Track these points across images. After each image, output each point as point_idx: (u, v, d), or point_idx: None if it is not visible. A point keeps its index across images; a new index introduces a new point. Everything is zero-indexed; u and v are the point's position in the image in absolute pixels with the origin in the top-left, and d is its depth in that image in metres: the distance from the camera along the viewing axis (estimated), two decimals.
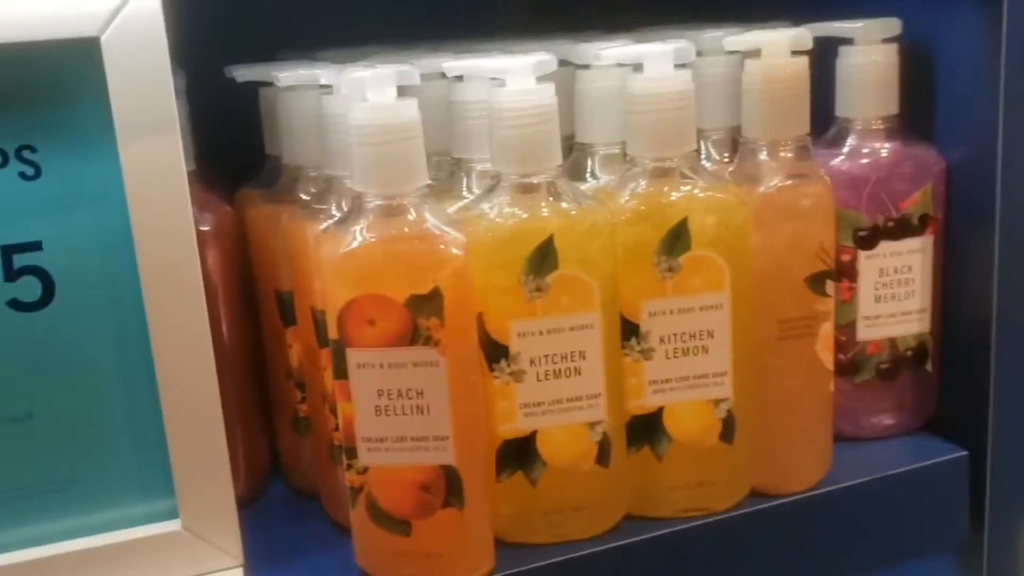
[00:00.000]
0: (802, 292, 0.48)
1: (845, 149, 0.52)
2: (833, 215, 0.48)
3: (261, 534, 0.51)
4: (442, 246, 0.40)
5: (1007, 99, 0.48)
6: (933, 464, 0.52)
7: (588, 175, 0.51)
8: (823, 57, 0.52)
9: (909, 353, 0.54)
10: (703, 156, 0.53)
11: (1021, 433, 0.52)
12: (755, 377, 0.48)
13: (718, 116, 0.52)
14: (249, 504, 0.54)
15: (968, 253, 0.52)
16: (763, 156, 0.48)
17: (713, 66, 0.51)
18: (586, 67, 0.50)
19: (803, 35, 0.48)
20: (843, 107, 0.53)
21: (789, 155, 0.48)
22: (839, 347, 0.54)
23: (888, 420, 0.55)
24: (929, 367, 0.55)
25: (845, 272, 0.53)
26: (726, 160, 0.52)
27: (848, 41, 0.52)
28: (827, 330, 0.49)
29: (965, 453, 0.53)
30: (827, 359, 0.49)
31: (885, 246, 0.52)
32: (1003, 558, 0.54)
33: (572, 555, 0.46)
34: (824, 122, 0.53)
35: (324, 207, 0.47)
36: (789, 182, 0.47)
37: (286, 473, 0.56)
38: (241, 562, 0.46)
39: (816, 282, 0.48)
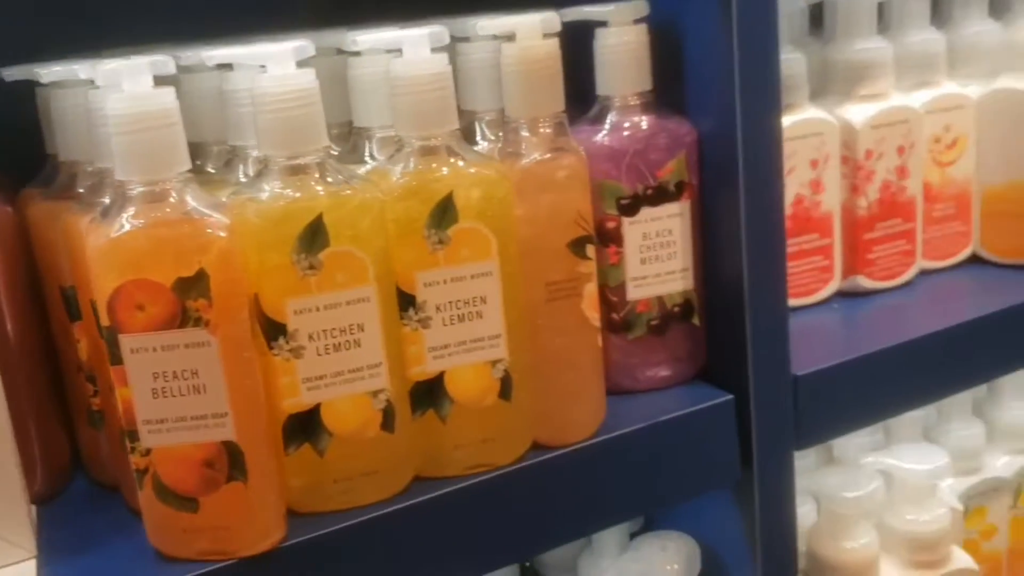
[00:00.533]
0: (565, 256, 0.51)
1: (606, 125, 0.56)
2: (588, 185, 0.52)
3: (61, 527, 0.51)
4: (207, 229, 0.42)
5: (741, 74, 0.53)
6: (701, 409, 0.57)
7: (367, 157, 0.53)
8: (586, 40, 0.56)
9: (676, 309, 0.59)
10: (478, 136, 0.56)
11: (776, 375, 0.58)
12: (528, 337, 0.51)
13: (489, 98, 0.55)
14: (51, 499, 0.54)
15: (720, 215, 0.57)
16: (524, 133, 0.51)
17: (482, 51, 0.55)
18: (357, 54, 0.52)
19: (552, 18, 0.51)
20: (602, 86, 0.57)
21: (548, 131, 0.52)
22: (612, 307, 0.58)
23: (664, 372, 0.60)
24: (696, 321, 0.60)
25: (612, 238, 0.57)
26: (499, 139, 0.55)
27: (603, 24, 0.56)
28: (591, 290, 0.53)
29: (731, 397, 0.58)
30: (593, 317, 0.53)
31: (646, 212, 0.57)
32: (771, 490, 0.59)
33: (362, 518, 0.48)
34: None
35: (99, 200, 0.47)
36: (547, 156, 0.51)
37: (87, 467, 0.56)
38: (34, 554, 0.47)
39: (577, 247, 0.52)
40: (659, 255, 0.58)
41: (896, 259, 0.72)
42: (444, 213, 0.48)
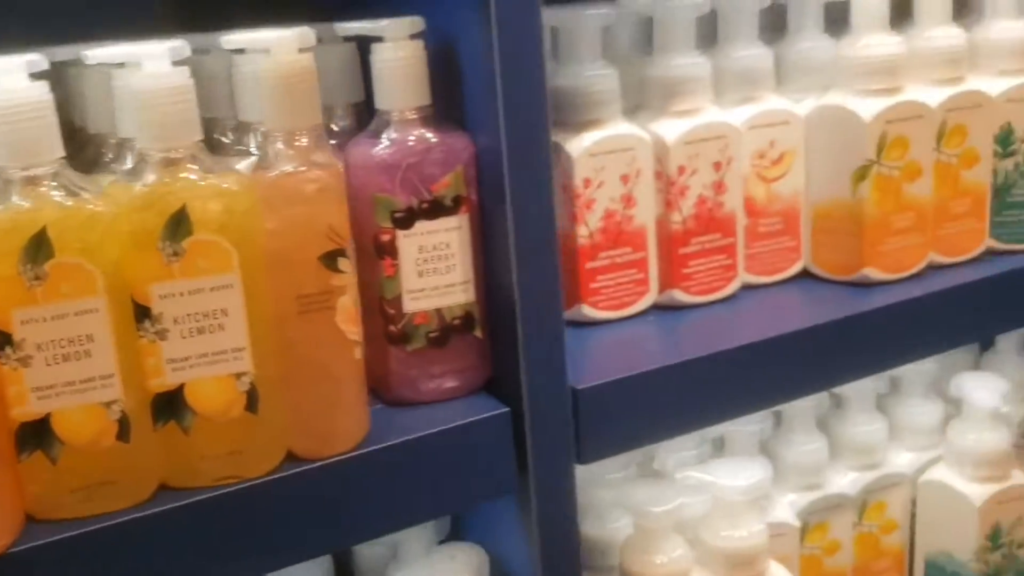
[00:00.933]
0: (317, 270, 0.52)
1: (382, 139, 0.57)
2: (343, 198, 0.53)
3: None
4: None
5: (504, 89, 0.53)
6: (474, 421, 0.57)
7: (110, 166, 0.54)
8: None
9: (457, 322, 0.59)
10: (254, 146, 0.57)
11: (552, 389, 0.58)
12: (279, 350, 0.52)
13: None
14: None
15: (495, 229, 0.57)
16: (279, 145, 0.52)
17: (250, 63, 0.55)
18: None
19: (307, 33, 0.52)
20: (380, 100, 0.57)
21: (304, 144, 0.52)
22: (389, 319, 0.58)
23: (449, 383, 0.60)
24: (479, 333, 0.60)
25: (387, 250, 0.57)
26: None
27: (379, 39, 0.56)
28: (345, 303, 0.53)
29: (507, 410, 0.58)
30: (349, 330, 0.53)
31: (422, 225, 0.57)
32: (550, 503, 0.60)
33: (100, 525, 0.49)
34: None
35: None
36: (296, 168, 0.51)
37: None
38: None
39: (329, 260, 0.52)
40: (437, 268, 0.58)
41: (715, 274, 0.72)
42: (178, 225, 0.48)
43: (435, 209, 0.57)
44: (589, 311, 0.69)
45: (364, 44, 0.58)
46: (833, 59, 0.73)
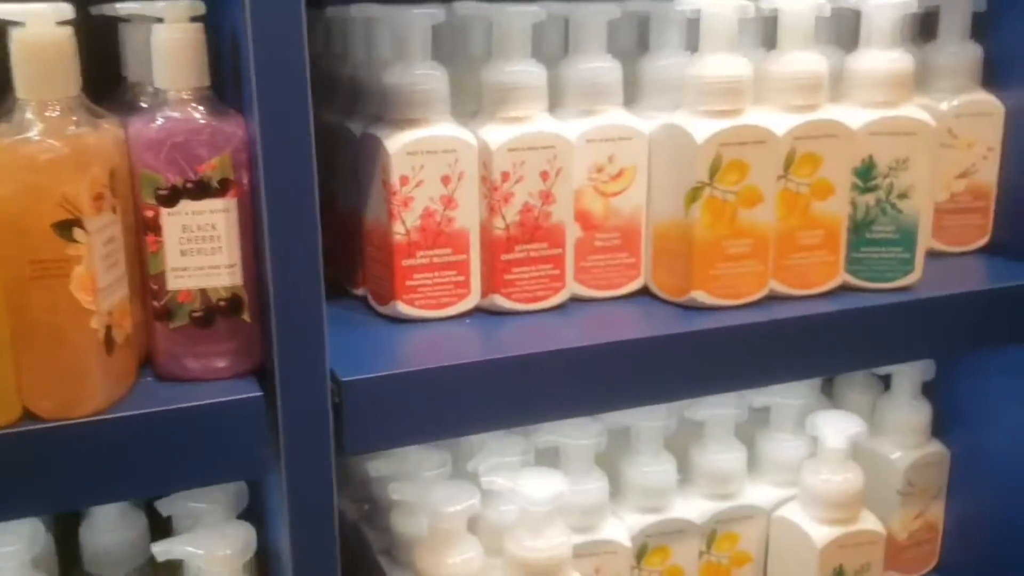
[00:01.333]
0: (50, 238, 0.53)
1: (156, 116, 0.58)
2: (82, 169, 0.54)
3: None
4: None
5: (257, 75, 0.54)
6: (224, 402, 0.58)
7: None
8: None
9: (222, 303, 0.60)
10: None
11: (309, 378, 0.59)
12: (12, 311, 0.53)
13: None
14: None
15: (259, 215, 0.58)
16: (28, 114, 0.54)
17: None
18: None
19: (64, 8, 0.53)
20: (157, 79, 0.58)
21: (54, 114, 0.54)
22: (153, 295, 0.60)
23: (218, 363, 0.61)
24: (247, 317, 0.61)
25: (151, 227, 0.59)
26: None
27: (160, 20, 0.58)
28: (80, 272, 0.54)
29: (259, 395, 0.59)
30: (84, 299, 0.55)
31: (186, 205, 0.58)
32: (304, 491, 0.60)
33: None
34: None
35: None
36: (31, 137, 0.53)
37: None
38: None
39: (63, 229, 0.53)
40: (202, 248, 0.59)
41: (540, 283, 0.72)
42: None
43: (200, 190, 0.58)
44: (404, 308, 0.70)
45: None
46: (681, 78, 0.72)
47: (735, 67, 0.70)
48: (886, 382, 0.93)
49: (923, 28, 0.86)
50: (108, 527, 0.72)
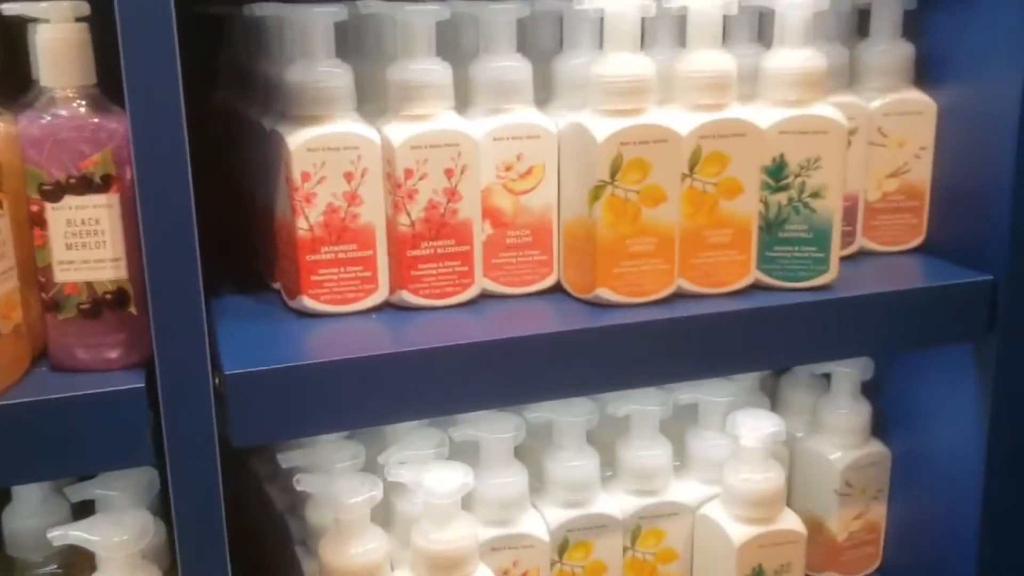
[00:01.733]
0: None
1: (41, 114, 0.60)
2: None
3: None
4: None
5: (127, 72, 0.56)
6: (105, 392, 0.60)
7: None
8: None
9: (109, 296, 0.62)
10: None
11: (189, 371, 0.60)
12: None
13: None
14: None
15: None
16: None
17: None
18: None
19: None
20: (43, 77, 0.60)
21: None
22: (42, 287, 0.61)
23: (109, 354, 0.63)
24: (133, 310, 0.62)
25: (37, 221, 0.60)
26: None
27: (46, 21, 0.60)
28: None
29: (141, 386, 0.61)
30: None
31: (70, 200, 0.60)
32: (184, 475, 0.62)
33: None
34: None
35: None
36: None
37: None
38: None
39: None
40: (87, 243, 0.61)
41: (447, 279, 0.73)
42: None
43: (83, 186, 0.60)
44: (310, 303, 0.71)
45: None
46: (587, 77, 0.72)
47: (636, 66, 0.70)
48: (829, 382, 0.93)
49: (861, 27, 0.86)
50: (29, 512, 0.74)
